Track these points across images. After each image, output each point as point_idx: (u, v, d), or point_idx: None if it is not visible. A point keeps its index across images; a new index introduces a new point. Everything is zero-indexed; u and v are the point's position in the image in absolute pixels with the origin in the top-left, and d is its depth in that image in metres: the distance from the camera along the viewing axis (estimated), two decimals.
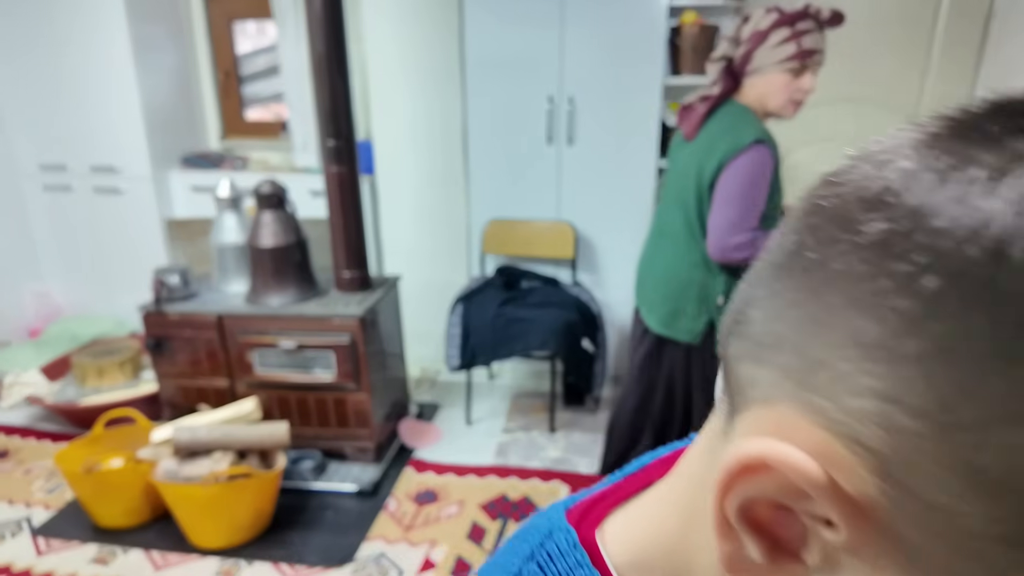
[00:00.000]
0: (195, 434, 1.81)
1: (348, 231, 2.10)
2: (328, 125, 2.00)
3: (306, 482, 2.12)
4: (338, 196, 2.06)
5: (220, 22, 3.08)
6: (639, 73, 2.43)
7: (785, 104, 1.49)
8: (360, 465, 2.22)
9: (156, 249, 2.98)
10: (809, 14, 1.42)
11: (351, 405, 2.14)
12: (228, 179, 2.17)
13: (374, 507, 2.05)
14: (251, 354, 2.11)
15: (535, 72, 2.51)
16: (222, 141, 3.25)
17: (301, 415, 2.18)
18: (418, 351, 2.97)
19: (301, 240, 2.10)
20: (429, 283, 2.89)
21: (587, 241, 2.71)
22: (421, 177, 2.77)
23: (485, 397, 2.79)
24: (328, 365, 2.09)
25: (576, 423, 2.57)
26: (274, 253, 2.04)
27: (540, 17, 2.43)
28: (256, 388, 2.16)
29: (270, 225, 2.05)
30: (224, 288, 2.21)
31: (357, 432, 2.19)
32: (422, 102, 2.66)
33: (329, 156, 2.03)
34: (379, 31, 2.58)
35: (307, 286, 2.12)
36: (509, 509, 2.02)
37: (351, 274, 2.15)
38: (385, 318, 2.26)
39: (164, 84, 2.93)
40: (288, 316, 2.06)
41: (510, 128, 2.60)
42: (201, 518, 1.82)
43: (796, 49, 1.40)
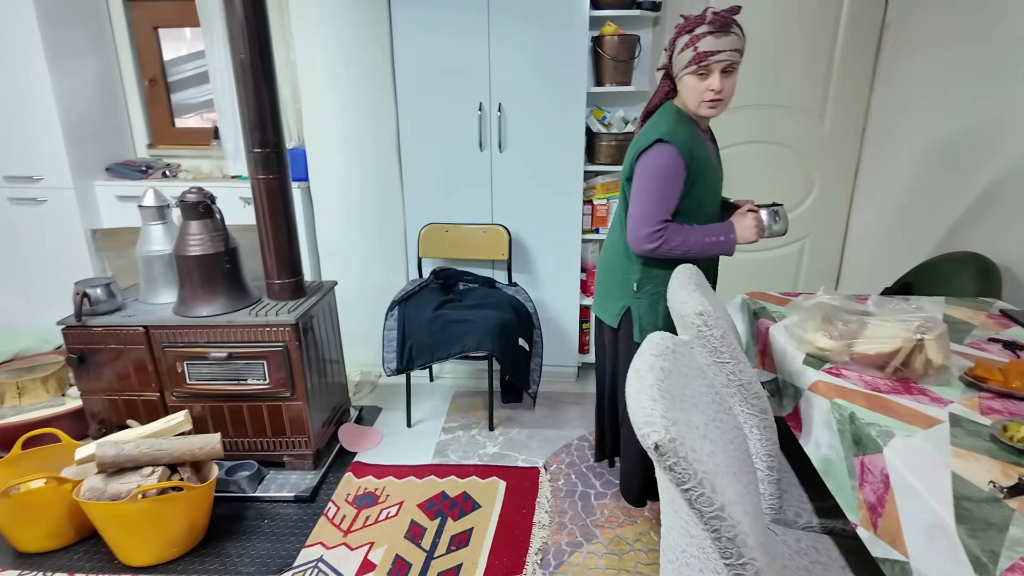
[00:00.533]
0: (122, 449, 1.78)
1: (279, 238, 2.10)
2: (255, 133, 1.99)
3: (242, 492, 2.11)
4: (267, 204, 2.06)
5: (144, 28, 3.01)
6: (565, 81, 2.52)
7: (698, 104, 1.55)
8: (299, 472, 2.22)
9: (81, 260, 2.89)
10: (704, 19, 1.49)
11: (287, 413, 2.14)
12: (152, 188, 2.14)
13: (313, 513, 2.05)
14: (181, 365, 2.08)
15: (465, 80, 2.56)
16: (151, 149, 3.17)
17: (235, 425, 2.16)
18: (358, 355, 2.98)
19: (231, 248, 2.08)
20: (367, 287, 2.90)
21: (521, 243, 2.78)
22: (356, 183, 2.78)
23: (426, 398, 2.82)
24: (262, 374, 2.08)
25: (515, 419, 2.63)
26: (202, 262, 2.02)
27: (467, 26, 2.49)
28: (188, 400, 2.13)
29: (197, 234, 2.03)
30: (152, 299, 2.17)
31: (294, 439, 2.19)
32: (355, 109, 2.67)
33: (256, 164, 2.02)
34: (308, 38, 2.58)
35: (238, 295, 2.11)
36: (448, 507, 2.06)
37: (283, 281, 2.15)
38: (321, 324, 2.27)
39: (85, 91, 2.84)
40: (218, 326, 2.04)
41: (443, 134, 2.64)
42: (130, 535, 1.79)
43: (694, 53, 1.49)
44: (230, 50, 1.94)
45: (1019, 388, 1.18)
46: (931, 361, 1.22)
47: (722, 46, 1.46)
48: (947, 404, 1.15)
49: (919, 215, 2.51)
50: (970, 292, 1.95)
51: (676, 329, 1.71)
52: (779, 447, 1.31)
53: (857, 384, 1.24)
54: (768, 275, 3.11)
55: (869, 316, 1.32)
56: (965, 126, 2.25)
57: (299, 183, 2.78)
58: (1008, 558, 0.76)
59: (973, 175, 2.21)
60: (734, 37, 1.48)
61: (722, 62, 1.48)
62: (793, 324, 1.43)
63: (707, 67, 1.49)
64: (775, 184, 2.93)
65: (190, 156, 3.14)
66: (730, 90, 1.52)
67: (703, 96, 1.53)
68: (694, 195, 1.62)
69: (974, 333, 1.52)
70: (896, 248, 2.66)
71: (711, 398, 0.99)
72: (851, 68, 2.73)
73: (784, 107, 2.81)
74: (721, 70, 1.49)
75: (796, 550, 1.22)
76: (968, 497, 0.87)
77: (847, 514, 1.10)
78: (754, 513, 0.89)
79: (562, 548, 1.87)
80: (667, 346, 0.95)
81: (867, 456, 1.05)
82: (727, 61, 1.48)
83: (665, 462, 0.73)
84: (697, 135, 1.61)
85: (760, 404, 1.24)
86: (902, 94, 2.60)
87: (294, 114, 2.85)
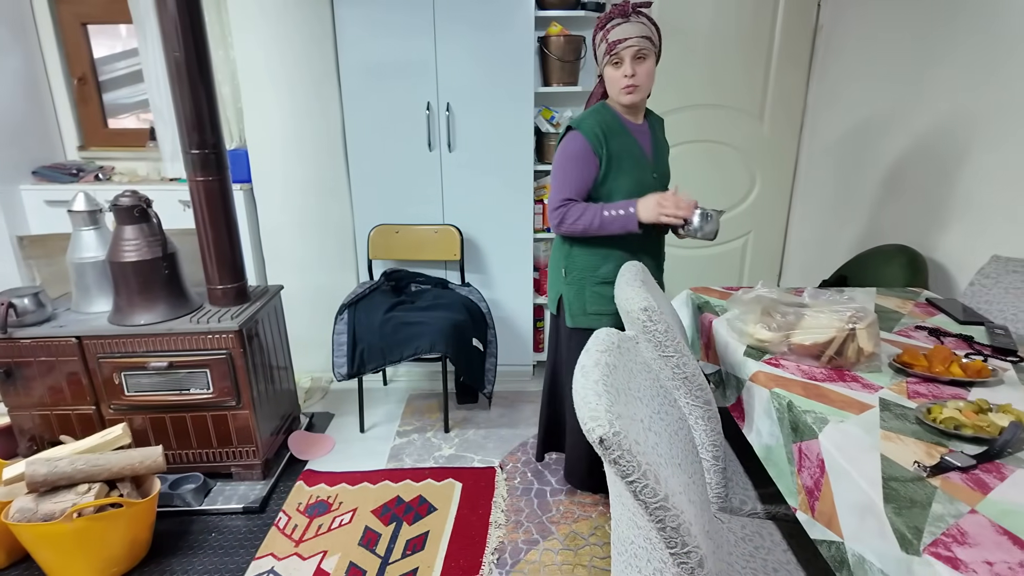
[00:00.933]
0: (55, 467, 1.69)
1: (220, 242, 2.03)
2: (192, 134, 1.93)
3: (188, 505, 2.03)
4: (206, 207, 1.99)
5: (71, 24, 2.87)
6: (512, 81, 2.53)
7: (618, 92, 1.63)
8: (247, 483, 2.15)
9: (7, 269, 2.73)
10: (614, 11, 1.59)
11: (233, 422, 2.08)
12: (83, 192, 2.04)
13: (263, 524, 2.00)
14: (119, 377, 2.00)
15: (412, 79, 2.54)
16: (83, 151, 3.02)
17: (179, 437, 2.09)
18: (307, 361, 2.91)
19: (169, 253, 2.01)
20: (316, 291, 2.84)
21: (473, 243, 2.78)
22: (302, 184, 2.72)
23: (380, 402, 2.78)
24: (205, 383, 2.01)
25: (470, 420, 2.62)
26: (138, 268, 1.94)
27: (412, 26, 2.47)
28: (127, 412, 2.04)
29: (133, 239, 1.95)
30: (85, 308, 2.07)
31: (242, 449, 2.12)
32: (298, 109, 2.62)
33: (195, 166, 1.95)
34: (247, 37, 2.51)
35: (178, 301, 2.03)
36: (402, 511, 2.04)
37: (226, 287, 2.08)
38: (267, 329, 2.21)
39: (7, 90, 2.69)
40: (158, 334, 1.96)
41: (391, 134, 2.62)
42: (66, 557, 1.70)
43: (607, 44, 1.59)
44: (163, 48, 1.87)
45: (942, 372, 1.24)
46: (862, 349, 1.28)
47: (630, 33, 1.56)
48: (877, 390, 1.20)
49: (853, 210, 2.63)
50: (899, 282, 2.06)
51: (609, 316, 1.77)
52: (724, 437, 1.35)
53: (795, 373, 1.28)
54: (714, 270, 3.19)
55: (805, 308, 1.38)
56: (891, 126, 2.36)
57: (241, 185, 2.70)
58: (931, 533, 0.80)
59: (900, 172, 2.33)
60: (641, 25, 1.57)
61: (631, 48, 1.56)
62: (734, 317, 1.48)
63: (619, 55, 1.58)
64: (719, 182, 3.02)
65: (125, 158, 3.01)
66: (644, 75, 1.60)
67: (619, 83, 1.61)
68: (611, 181, 1.67)
69: (902, 321, 1.60)
70: (833, 242, 2.77)
71: (656, 391, 1.01)
72: (787, 69, 2.84)
73: (725, 107, 2.90)
74: (633, 56, 1.57)
75: (741, 536, 1.26)
76: (895, 477, 0.92)
77: (787, 499, 1.14)
78: (699, 502, 0.92)
79: (518, 546, 1.88)
80: (612, 342, 0.97)
81: (804, 442, 1.09)
82: (636, 47, 1.56)
83: (610, 455, 0.74)
84: (617, 125, 1.67)
85: (704, 396, 1.28)
86: (834, 94, 2.71)
87: (235, 114, 2.76)
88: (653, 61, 1.61)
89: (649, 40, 1.57)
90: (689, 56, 2.80)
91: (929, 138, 2.17)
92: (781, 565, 1.17)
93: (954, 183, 2.06)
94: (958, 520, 0.82)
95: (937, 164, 2.14)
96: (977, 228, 1.97)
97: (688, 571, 0.76)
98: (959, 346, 1.43)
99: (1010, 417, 1.03)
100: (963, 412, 1.05)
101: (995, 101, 1.89)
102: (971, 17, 1.97)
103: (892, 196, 2.38)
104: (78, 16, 2.86)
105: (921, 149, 2.21)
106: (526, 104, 2.56)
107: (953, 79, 2.05)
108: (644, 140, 1.72)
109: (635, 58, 1.57)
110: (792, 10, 2.74)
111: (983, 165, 1.94)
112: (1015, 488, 0.89)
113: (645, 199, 1.63)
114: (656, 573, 0.80)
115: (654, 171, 1.73)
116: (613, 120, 1.67)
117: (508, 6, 2.44)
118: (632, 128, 1.70)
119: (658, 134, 1.79)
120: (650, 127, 1.76)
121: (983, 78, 1.93)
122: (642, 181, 1.70)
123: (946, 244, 2.10)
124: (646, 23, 1.58)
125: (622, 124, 1.68)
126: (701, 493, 1.00)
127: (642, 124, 1.74)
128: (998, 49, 1.87)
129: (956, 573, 0.73)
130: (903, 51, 2.29)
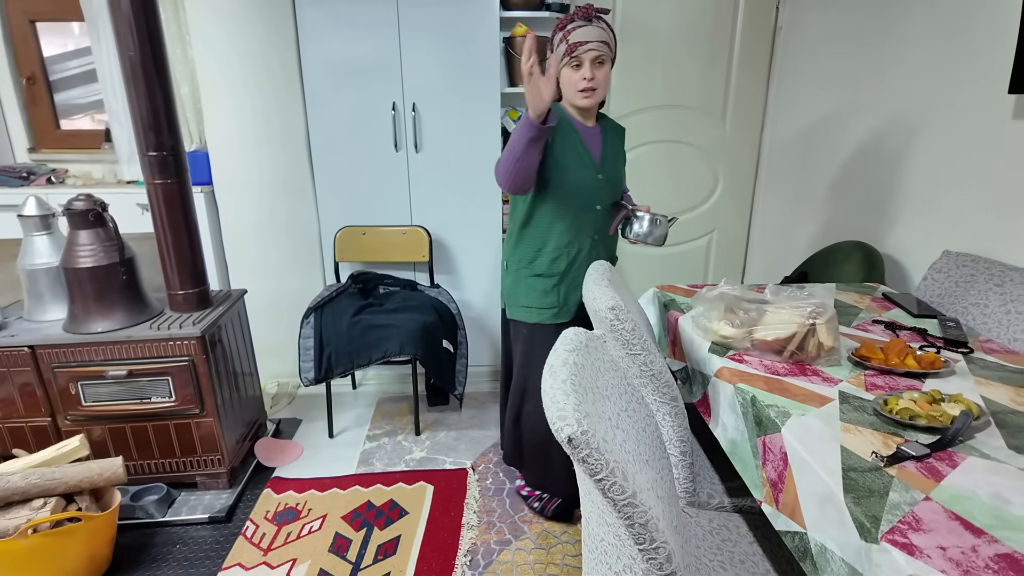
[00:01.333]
0: (7, 481, 1.62)
1: (180, 246, 1.98)
2: (149, 135, 1.87)
3: (151, 517, 1.98)
4: (165, 210, 1.94)
5: (19, 21, 2.76)
6: (478, 82, 2.52)
7: (575, 94, 1.64)
8: (213, 492, 2.11)
9: None
10: (577, 13, 1.60)
11: (197, 430, 2.03)
12: (34, 196, 1.96)
13: (230, 534, 1.95)
14: (75, 387, 1.93)
15: (377, 79, 2.52)
16: (33, 154, 2.91)
17: (140, 447, 2.03)
18: (273, 366, 2.86)
19: (127, 258, 1.95)
20: (281, 295, 2.80)
21: (442, 244, 2.76)
22: (265, 186, 2.67)
23: (349, 406, 2.75)
24: (167, 391, 1.96)
25: (441, 422, 2.61)
26: (94, 274, 1.88)
27: (377, 25, 2.45)
28: (84, 423, 1.98)
29: (88, 244, 1.89)
30: (38, 316, 2.00)
31: (206, 458, 2.07)
32: (260, 109, 2.57)
33: (152, 168, 1.90)
34: (206, 35, 2.46)
35: (137, 308, 1.98)
36: (373, 516, 2.02)
37: (187, 292, 2.03)
38: (230, 335, 2.16)
39: None
40: (116, 342, 1.90)
41: (356, 135, 2.59)
42: (21, 574, 1.64)
43: (566, 45, 1.59)
44: (117, 47, 1.81)
45: (897, 365, 1.29)
46: (822, 344, 1.32)
47: (591, 36, 1.57)
48: (837, 383, 1.24)
49: (813, 208, 2.70)
50: (857, 278, 2.12)
51: (537, 309, 1.79)
52: (690, 432, 1.37)
53: (758, 369, 1.31)
54: (679, 268, 3.24)
55: (767, 304, 1.41)
56: (848, 125, 2.44)
57: (202, 187, 2.64)
58: (888, 521, 0.83)
59: (857, 170, 2.40)
60: (600, 30, 1.58)
61: (591, 51, 1.57)
62: (699, 314, 1.50)
63: (579, 57, 1.58)
64: (682, 182, 3.07)
65: (79, 160, 2.91)
66: (602, 80, 1.62)
67: (577, 86, 1.61)
68: (551, 171, 1.67)
69: (860, 316, 1.65)
70: (794, 239, 2.84)
71: (623, 389, 1.03)
72: (747, 70, 2.89)
73: (688, 108, 2.94)
74: (592, 60, 1.59)
75: (708, 530, 1.28)
76: (854, 468, 0.95)
77: (753, 492, 1.16)
78: (667, 498, 0.93)
79: (491, 547, 1.88)
80: (580, 341, 0.97)
81: (768, 436, 1.11)
82: (596, 51, 1.58)
83: (578, 454, 0.74)
84: (566, 123, 1.68)
85: (671, 392, 1.30)
86: (793, 95, 2.78)
87: (194, 114, 2.69)
88: (609, 67, 1.64)
89: (607, 46, 1.60)
90: (651, 57, 2.84)
91: (884, 138, 2.24)
92: (747, 556, 1.20)
93: (907, 181, 2.13)
94: (913, 507, 0.85)
95: (891, 163, 2.21)
96: (929, 224, 2.04)
97: (657, 566, 0.77)
98: (914, 339, 1.48)
99: (961, 407, 1.07)
100: (917, 403, 1.09)
101: (944, 102, 1.96)
102: (924, 20, 2.04)
103: (850, 194, 2.45)
104: (27, 13, 2.76)
105: (876, 148, 2.29)
106: (493, 104, 2.55)
107: (906, 81, 2.12)
108: (592, 142, 1.73)
109: (594, 62, 1.59)
110: (752, 12, 2.80)
111: (933, 164, 2.01)
112: (966, 475, 0.93)
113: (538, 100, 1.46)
114: (626, 569, 0.81)
115: (599, 172, 1.72)
116: (562, 118, 1.69)
117: (473, 7, 2.44)
118: (581, 129, 1.71)
119: (611, 140, 1.79)
120: (602, 132, 1.77)
121: (933, 79, 2.00)
122: (583, 180, 1.70)
123: (901, 240, 2.17)
124: (606, 29, 1.60)
125: (571, 123, 1.70)
126: (669, 489, 1.01)
127: (593, 127, 1.74)
128: (947, 52, 1.94)
129: (912, 559, 0.76)
130: (859, 53, 2.36)
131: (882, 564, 0.78)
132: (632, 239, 1.74)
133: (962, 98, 1.89)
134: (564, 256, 1.74)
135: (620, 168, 1.81)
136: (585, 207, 1.72)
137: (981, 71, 1.81)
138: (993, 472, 0.94)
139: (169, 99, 1.89)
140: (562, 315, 1.79)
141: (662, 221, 1.69)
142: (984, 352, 1.41)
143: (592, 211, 1.73)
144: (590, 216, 1.73)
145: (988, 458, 0.97)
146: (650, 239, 1.71)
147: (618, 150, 1.81)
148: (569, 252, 1.75)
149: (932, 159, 2.02)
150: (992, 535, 0.80)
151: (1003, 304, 1.63)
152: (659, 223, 1.69)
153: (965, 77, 1.87)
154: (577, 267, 1.76)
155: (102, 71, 2.64)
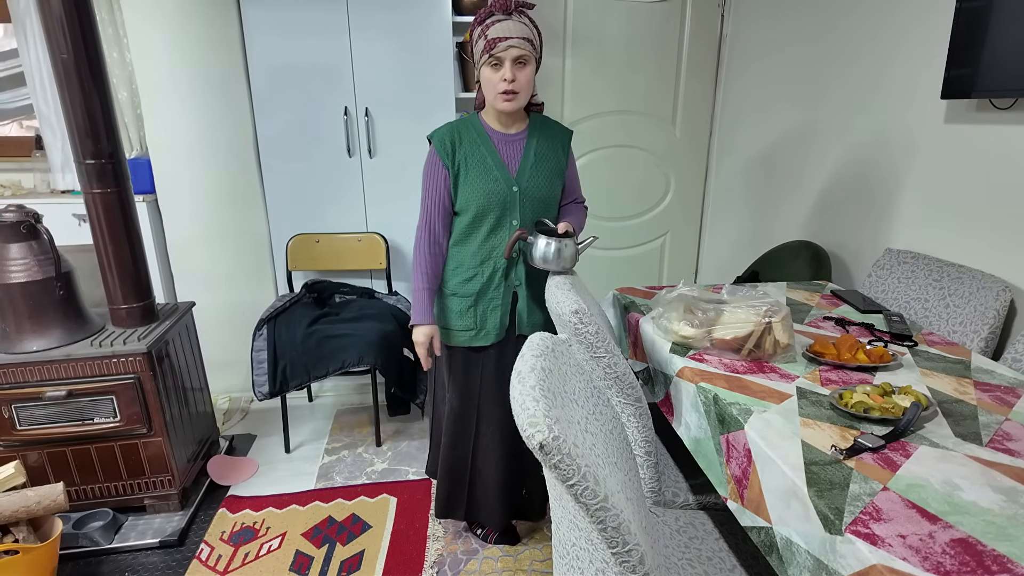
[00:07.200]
0: None
1: (121, 258, 1.89)
2: (85, 142, 1.78)
3: (96, 545, 1.87)
4: (105, 221, 1.84)
5: None
6: (432, 86, 2.50)
7: (495, 97, 1.48)
8: (163, 515, 2.01)
9: None
10: (495, 6, 1.44)
11: (144, 451, 1.93)
12: None
13: (183, 558, 1.86)
14: (9, 410, 1.81)
15: (328, 83, 2.46)
16: None
17: (83, 471, 1.92)
18: (225, 381, 2.76)
19: (63, 272, 1.84)
20: (231, 307, 2.70)
21: (400, 250, 2.72)
22: (211, 193, 2.57)
23: (306, 420, 2.67)
24: (111, 410, 1.86)
25: (403, 432, 2.57)
26: (27, 290, 1.77)
27: (326, 29, 2.40)
28: (20, 448, 1.86)
29: (20, 258, 1.78)
30: None
31: (155, 479, 1.98)
32: (204, 114, 2.48)
33: (90, 177, 1.80)
34: (145, 37, 2.35)
35: (76, 324, 1.87)
36: (335, 531, 1.96)
37: (131, 306, 1.93)
38: (178, 349, 2.07)
39: None
40: (54, 361, 1.80)
41: (307, 140, 2.52)
42: None
43: (485, 40, 1.43)
44: (48, 49, 1.71)
45: (849, 359, 1.33)
46: (779, 342, 1.35)
47: (511, 32, 1.41)
48: (794, 379, 1.27)
49: (761, 209, 2.78)
50: (805, 276, 2.19)
51: (455, 331, 1.67)
52: (655, 432, 1.38)
53: (718, 367, 1.34)
54: (635, 270, 3.29)
55: (724, 304, 1.44)
56: (791, 129, 2.53)
57: (144, 196, 2.52)
58: (851, 513, 0.85)
59: (800, 172, 2.49)
60: (523, 26, 1.43)
61: (512, 48, 1.41)
62: (659, 316, 1.52)
63: (498, 56, 1.42)
64: (636, 186, 3.12)
65: (7, 169, 2.74)
66: (524, 82, 1.45)
67: (497, 87, 1.45)
68: (461, 187, 1.55)
69: (812, 313, 1.70)
70: (744, 240, 2.93)
71: (590, 392, 1.03)
72: (695, 76, 2.97)
73: (639, 113, 3.00)
74: (514, 60, 1.42)
75: (676, 528, 1.29)
76: (815, 461, 0.97)
77: (718, 489, 1.18)
78: (635, 499, 0.93)
79: (458, 557, 1.85)
80: (547, 346, 0.97)
81: (731, 433, 1.13)
82: (518, 50, 1.42)
83: (550, 460, 0.74)
84: (474, 133, 1.55)
85: (635, 393, 1.31)
86: (739, 100, 2.87)
87: (134, 120, 2.58)
88: (533, 68, 1.47)
89: (530, 43, 1.44)
90: (601, 64, 2.88)
91: (826, 141, 2.33)
92: (715, 553, 1.22)
93: (849, 182, 2.22)
94: (873, 498, 0.88)
95: (834, 165, 2.30)
96: (872, 223, 2.13)
97: (630, 569, 0.77)
98: (862, 334, 1.54)
99: (911, 398, 1.12)
100: (870, 396, 1.13)
101: (882, 107, 2.05)
102: (860, 28, 2.14)
103: (796, 195, 2.54)
104: None
105: (820, 151, 2.38)
106: (447, 109, 2.54)
107: (845, 86, 2.21)
108: (510, 151, 1.56)
109: (515, 62, 1.43)
110: (698, 21, 2.88)
111: (873, 165, 2.11)
112: (919, 464, 0.97)
113: (424, 330, 1.61)
114: (598, 573, 0.80)
115: (514, 185, 1.55)
116: (471, 128, 1.55)
117: (425, 11, 2.42)
118: (496, 137, 1.55)
119: (541, 147, 1.59)
120: (529, 137, 1.58)
121: (871, 85, 2.09)
122: (491, 192, 1.54)
123: (845, 239, 2.26)
124: (528, 24, 1.44)
125: (482, 132, 1.55)
126: (637, 490, 1.02)
127: (515, 134, 1.57)
128: (886, 57, 2.04)
129: (875, 548, 0.78)
130: (802, 58, 2.45)
131: (847, 555, 0.80)
132: (533, 264, 1.55)
133: (898, 103, 1.98)
134: (479, 276, 1.61)
135: (551, 178, 1.60)
136: (499, 224, 1.58)
137: (916, 77, 1.91)
138: (943, 460, 0.98)
139: (107, 104, 1.80)
140: (480, 338, 1.65)
141: (567, 245, 1.51)
142: (927, 344, 1.48)
143: (508, 228, 1.58)
144: (506, 234, 1.59)
145: (938, 447, 1.02)
146: (552, 265, 1.51)
147: (551, 157, 1.60)
148: (484, 271, 1.61)
149: (872, 161, 2.11)
150: (946, 521, 0.83)
151: (942, 299, 1.71)
152: (564, 247, 1.50)
153: (901, 83, 1.97)
154: (495, 288, 1.62)
155: (31, 74, 2.50)
